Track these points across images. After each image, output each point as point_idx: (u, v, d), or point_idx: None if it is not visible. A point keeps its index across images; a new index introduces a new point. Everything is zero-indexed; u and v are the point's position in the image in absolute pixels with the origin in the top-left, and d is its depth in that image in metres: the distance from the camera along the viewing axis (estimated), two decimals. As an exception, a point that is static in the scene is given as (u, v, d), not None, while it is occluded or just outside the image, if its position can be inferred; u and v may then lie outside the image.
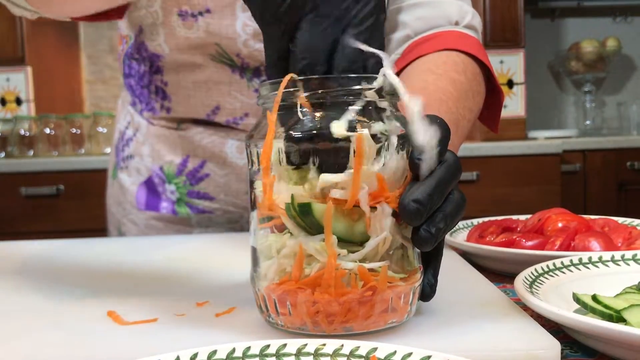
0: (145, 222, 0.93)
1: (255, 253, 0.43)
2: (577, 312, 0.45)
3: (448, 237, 0.70)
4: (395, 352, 0.34)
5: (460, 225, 0.79)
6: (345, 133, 0.38)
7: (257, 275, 0.43)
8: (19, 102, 2.70)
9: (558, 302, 0.47)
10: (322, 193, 0.39)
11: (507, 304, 0.47)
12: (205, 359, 0.34)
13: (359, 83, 0.40)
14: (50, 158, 2.48)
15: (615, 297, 0.46)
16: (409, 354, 0.33)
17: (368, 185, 0.39)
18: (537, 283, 0.49)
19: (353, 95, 0.40)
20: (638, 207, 2.46)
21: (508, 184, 2.36)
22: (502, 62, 2.59)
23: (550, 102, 3.07)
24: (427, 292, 0.43)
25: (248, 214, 0.89)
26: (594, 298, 0.44)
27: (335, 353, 0.34)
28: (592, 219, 0.73)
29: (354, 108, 0.40)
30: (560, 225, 0.68)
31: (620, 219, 0.74)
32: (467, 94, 0.71)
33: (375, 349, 0.34)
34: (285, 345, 0.35)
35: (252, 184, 0.43)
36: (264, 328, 0.43)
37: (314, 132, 0.39)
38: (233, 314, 0.47)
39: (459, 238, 0.74)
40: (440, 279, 0.45)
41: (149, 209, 0.93)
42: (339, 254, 0.38)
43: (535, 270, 0.51)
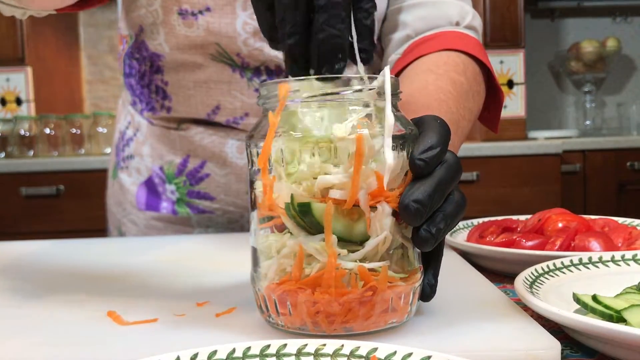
0: (146, 222, 0.93)
1: (256, 253, 0.43)
2: (577, 312, 0.45)
3: (448, 237, 0.70)
4: (396, 352, 0.34)
5: (461, 226, 0.79)
6: (348, 137, 0.38)
7: (257, 276, 0.43)
8: (19, 102, 2.70)
9: (558, 302, 0.47)
10: (321, 192, 0.39)
11: (507, 304, 0.47)
12: (206, 359, 0.34)
13: (359, 83, 0.40)
14: (50, 158, 2.48)
15: (616, 297, 0.46)
16: (409, 354, 0.33)
17: (367, 185, 0.39)
18: (537, 283, 0.49)
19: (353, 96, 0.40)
20: (638, 207, 2.46)
21: (508, 184, 2.36)
22: (502, 62, 2.59)
23: (550, 102, 3.07)
24: (427, 292, 0.43)
25: (248, 214, 0.89)
26: (594, 298, 0.44)
27: (336, 353, 0.34)
28: (592, 219, 0.73)
29: (355, 108, 0.40)
30: (561, 226, 0.68)
31: (620, 219, 0.74)
32: (467, 94, 0.71)
33: (376, 349, 0.34)
34: (286, 346, 0.35)
35: (252, 184, 0.43)
36: (264, 328, 0.43)
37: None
38: (233, 314, 0.47)
39: (459, 238, 0.74)
40: (441, 279, 0.45)
41: (149, 209, 0.93)
42: (339, 254, 0.38)
43: (536, 271, 0.51)
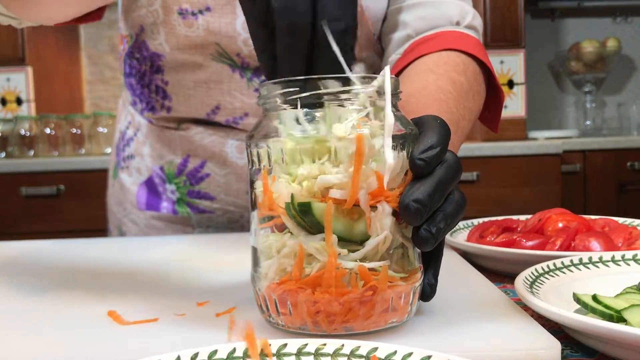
0: (146, 221, 0.94)
1: (256, 253, 0.43)
2: (577, 312, 0.45)
3: (448, 237, 0.70)
4: (396, 352, 0.34)
5: (461, 226, 0.79)
6: (348, 137, 0.38)
7: (257, 275, 0.43)
8: (20, 102, 2.70)
9: (558, 302, 0.47)
10: (321, 192, 0.39)
11: (507, 304, 0.47)
12: (206, 359, 0.34)
13: (360, 83, 0.40)
14: (51, 158, 2.48)
15: (616, 297, 0.46)
16: (410, 354, 0.33)
17: (367, 185, 0.39)
18: (537, 283, 0.49)
19: (354, 96, 0.40)
20: (638, 207, 2.46)
21: (508, 184, 2.36)
22: (502, 62, 2.59)
23: (551, 102, 3.07)
24: (427, 292, 0.43)
25: (248, 214, 0.89)
26: (594, 298, 0.44)
27: (336, 353, 0.34)
28: (592, 219, 0.73)
29: (355, 108, 0.40)
30: (561, 226, 0.68)
31: (621, 219, 0.74)
32: (467, 94, 0.71)
33: (376, 349, 0.34)
34: (286, 345, 0.35)
35: (252, 184, 0.43)
36: (265, 328, 0.43)
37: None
38: (234, 314, 0.47)
39: (460, 238, 0.74)
40: (441, 279, 0.45)
41: (150, 209, 0.93)
42: (339, 254, 0.38)
43: (536, 270, 0.51)
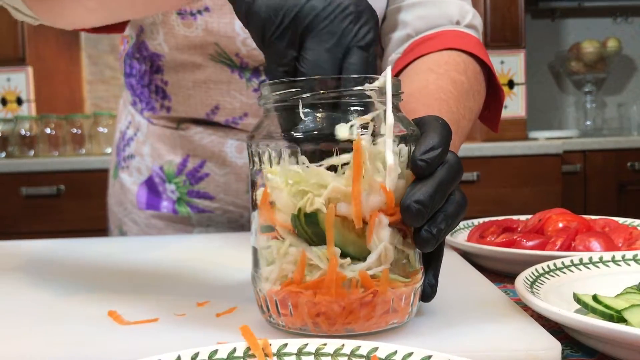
0: (146, 221, 0.94)
1: (256, 253, 0.43)
2: (577, 312, 0.45)
3: (449, 237, 0.70)
4: (396, 352, 0.34)
5: (461, 226, 0.79)
6: (350, 137, 0.38)
7: (258, 276, 0.42)
8: (20, 102, 2.70)
9: (559, 302, 0.47)
10: (328, 201, 0.39)
11: (507, 304, 0.47)
12: (206, 359, 0.34)
13: (361, 84, 0.40)
14: (51, 158, 2.48)
15: (616, 297, 0.46)
16: (410, 354, 0.33)
17: (374, 197, 0.38)
18: (537, 283, 0.49)
19: (355, 96, 0.40)
20: (638, 207, 2.46)
21: (508, 185, 2.36)
22: (502, 62, 2.59)
23: (551, 102, 3.07)
24: (427, 292, 0.43)
25: (248, 214, 0.89)
26: (595, 298, 0.44)
27: (336, 353, 0.34)
28: (592, 220, 0.73)
29: (357, 109, 0.40)
30: (561, 226, 0.68)
31: (621, 219, 0.74)
32: (467, 94, 0.71)
33: (376, 349, 0.34)
34: (286, 345, 0.35)
35: (253, 184, 0.43)
36: (265, 328, 0.43)
37: (316, 132, 0.39)
38: (234, 314, 0.47)
39: (460, 238, 0.74)
40: (441, 280, 0.45)
41: (150, 208, 0.93)
42: (342, 264, 0.38)
43: (536, 270, 0.51)
